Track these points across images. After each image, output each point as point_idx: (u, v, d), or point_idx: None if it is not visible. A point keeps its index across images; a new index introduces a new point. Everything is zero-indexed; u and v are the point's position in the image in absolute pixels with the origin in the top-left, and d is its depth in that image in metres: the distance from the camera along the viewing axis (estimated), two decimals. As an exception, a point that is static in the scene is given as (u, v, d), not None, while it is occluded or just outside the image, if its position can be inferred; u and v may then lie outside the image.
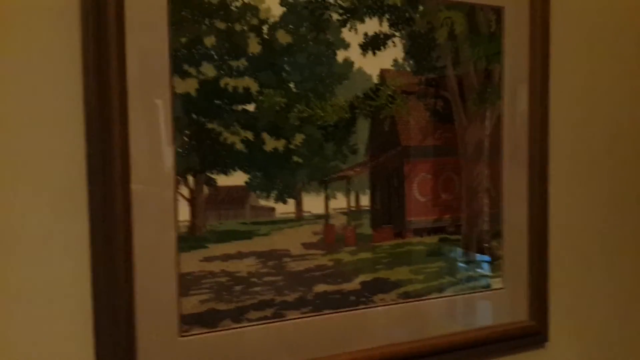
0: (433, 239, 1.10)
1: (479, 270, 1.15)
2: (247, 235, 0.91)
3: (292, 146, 0.94)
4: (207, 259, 0.88)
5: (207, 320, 0.88)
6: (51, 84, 0.78)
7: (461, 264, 1.13)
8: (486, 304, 1.16)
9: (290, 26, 0.92)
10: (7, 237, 0.77)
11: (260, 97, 0.91)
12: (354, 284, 1.01)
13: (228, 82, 0.88)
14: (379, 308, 1.03)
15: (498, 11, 1.12)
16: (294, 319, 0.95)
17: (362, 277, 1.01)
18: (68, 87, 0.79)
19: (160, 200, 0.84)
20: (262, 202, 0.93)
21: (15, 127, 0.77)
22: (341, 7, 0.96)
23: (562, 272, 1.25)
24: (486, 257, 1.16)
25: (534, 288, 1.19)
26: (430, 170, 1.09)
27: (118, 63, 0.79)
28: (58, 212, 0.79)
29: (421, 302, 1.07)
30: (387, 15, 1.00)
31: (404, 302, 1.05)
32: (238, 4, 0.88)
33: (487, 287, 1.16)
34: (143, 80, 0.82)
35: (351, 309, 1.00)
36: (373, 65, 1.00)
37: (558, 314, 1.24)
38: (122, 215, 0.80)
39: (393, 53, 1.02)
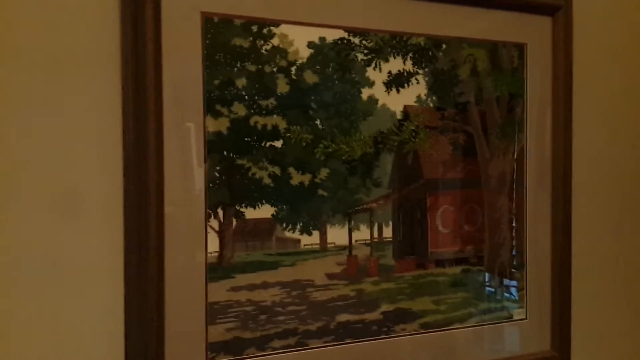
0: (455, 270, 1.12)
1: (501, 300, 1.16)
2: (272, 266, 0.95)
3: (317, 180, 0.98)
4: (234, 289, 0.92)
5: (232, 348, 0.91)
6: (93, 119, 0.84)
7: (483, 295, 1.14)
8: (509, 334, 1.17)
9: (317, 67, 0.97)
10: (48, 263, 0.82)
11: (288, 134, 0.95)
12: (376, 314, 1.03)
13: (257, 120, 0.93)
14: (401, 338, 1.05)
15: (520, 47, 1.15)
16: (317, 347, 0.98)
17: (384, 307, 1.04)
18: (108, 124, 0.84)
19: (192, 232, 0.89)
20: (288, 234, 0.96)
21: (57, 156, 0.82)
22: (366, 47, 1.00)
23: (585, 302, 1.25)
24: (509, 288, 1.17)
25: (556, 318, 1.20)
26: (453, 202, 1.11)
27: (155, 103, 0.85)
28: (95, 237, 0.84)
29: (443, 332, 1.09)
30: (410, 54, 1.04)
31: (425, 333, 1.07)
32: (268, 47, 0.93)
33: (510, 317, 1.17)
34: (178, 119, 0.87)
35: (373, 338, 1.03)
36: (397, 101, 1.04)
37: (580, 345, 1.24)
38: (155, 246, 0.85)
39: (416, 90, 1.05)
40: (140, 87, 0.84)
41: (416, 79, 1.05)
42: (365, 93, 1.01)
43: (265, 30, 0.93)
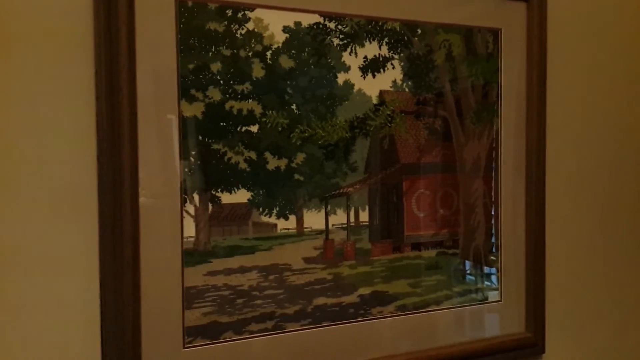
0: (431, 253, 1.13)
1: (476, 283, 1.18)
2: (249, 251, 0.95)
3: (293, 165, 0.98)
4: (211, 273, 0.92)
5: (210, 332, 0.92)
6: (65, 105, 0.83)
7: (459, 277, 1.16)
8: (483, 316, 1.19)
9: (293, 51, 0.97)
10: (20, 251, 0.81)
11: (264, 119, 0.95)
12: (353, 297, 1.04)
13: (233, 105, 0.93)
14: (377, 320, 1.07)
15: (495, 32, 1.16)
16: (294, 331, 0.99)
17: (361, 291, 1.05)
18: (81, 110, 0.84)
19: (167, 217, 0.89)
20: (264, 219, 0.97)
21: (28, 145, 0.82)
22: (342, 32, 1.00)
23: (559, 284, 1.28)
24: (484, 270, 1.19)
25: (530, 300, 1.22)
26: (429, 186, 1.13)
27: (128, 88, 0.84)
28: (69, 225, 0.84)
29: (419, 314, 1.11)
30: (386, 39, 1.04)
31: (402, 315, 1.09)
32: (243, 31, 0.93)
33: (485, 299, 1.19)
34: (152, 105, 0.87)
35: (350, 321, 1.04)
36: (373, 86, 1.04)
37: (555, 326, 1.27)
38: (130, 231, 0.85)
39: (392, 75, 1.06)
40: (113, 72, 0.83)
41: (392, 64, 1.05)
42: (341, 78, 1.01)
43: (240, 15, 0.92)
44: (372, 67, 1.04)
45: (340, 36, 1.00)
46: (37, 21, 0.81)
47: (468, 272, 1.18)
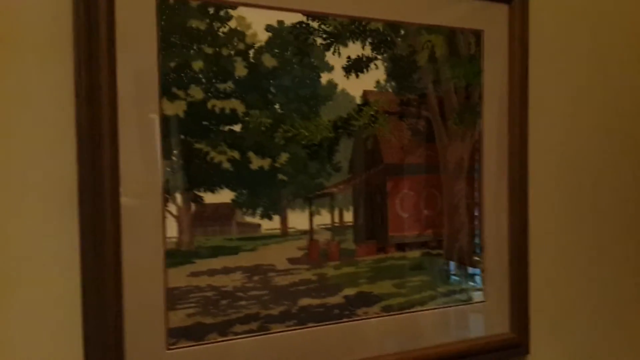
0: (415, 254, 1.13)
1: (460, 283, 1.19)
2: (233, 251, 0.94)
3: (277, 165, 0.98)
4: (194, 274, 0.91)
5: (193, 333, 0.90)
6: (44, 104, 0.82)
7: (443, 278, 1.16)
8: (468, 316, 1.19)
9: (276, 50, 0.96)
10: None
11: (247, 118, 0.94)
12: (338, 298, 1.04)
13: (215, 104, 0.92)
14: (363, 321, 1.06)
15: (477, 34, 1.17)
16: (279, 332, 0.98)
17: (346, 291, 1.05)
18: (61, 109, 0.82)
19: (149, 217, 0.87)
20: (248, 219, 0.96)
21: (7, 145, 0.80)
22: (325, 32, 1.00)
23: (543, 284, 1.28)
24: (468, 271, 1.19)
25: (515, 300, 1.23)
26: (413, 187, 1.13)
27: (109, 86, 0.83)
28: (49, 226, 0.82)
29: (404, 315, 1.11)
30: (369, 39, 1.05)
31: (387, 315, 1.09)
32: (225, 29, 0.92)
33: (469, 300, 1.19)
34: (133, 103, 0.85)
35: (335, 322, 1.03)
36: (356, 86, 1.04)
37: (539, 326, 1.27)
38: (111, 231, 0.84)
39: (375, 75, 1.06)
40: (93, 70, 0.82)
41: (375, 64, 1.06)
42: (325, 77, 1.01)
43: (222, 13, 0.92)
44: (356, 67, 1.04)
45: (324, 36, 1.00)
46: (15, 18, 0.80)
47: (452, 272, 1.18)
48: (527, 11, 1.21)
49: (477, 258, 1.20)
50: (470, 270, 1.20)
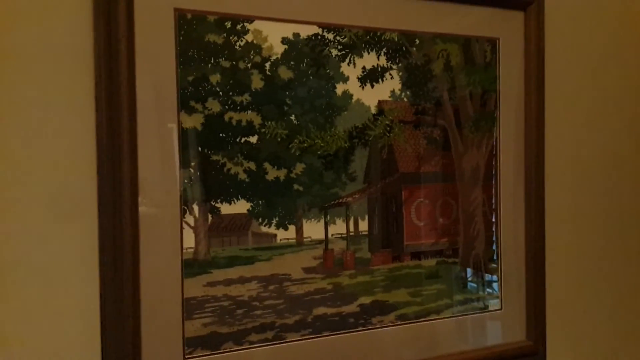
0: (431, 262, 1.13)
1: (477, 291, 1.18)
2: (249, 261, 0.95)
3: (293, 175, 0.99)
4: (211, 284, 0.92)
5: (210, 343, 0.92)
6: (66, 118, 0.84)
7: (459, 286, 1.16)
8: (484, 324, 1.19)
9: (292, 62, 0.97)
10: (21, 263, 0.82)
11: (263, 130, 0.96)
12: (353, 307, 1.04)
13: (232, 116, 0.93)
14: (378, 330, 1.07)
15: (493, 42, 1.16)
16: (294, 341, 0.99)
17: (361, 300, 1.05)
18: (81, 122, 0.84)
19: (167, 228, 0.89)
20: (264, 229, 0.97)
21: (29, 156, 0.82)
22: (340, 43, 1.01)
23: (559, 292, 1.28)
24: (484, 278, 1.19)
25: (531, 308, 1.22)
26: (428, 195, 1.13)
27: (128, 100, 0.85)
28: (69, 236, 0.84)
29: (419, 323, 1.11)
30: (384, 50, 1.05)
31: (402, 324, 1.09)
32: (242, 43, 0.93)
33: (485, 308, 1.19)
34: (152, 116, 0.87)
35: (350, 330, 1.04)
36: (371, 96, 1.05)
37: (555, 334, 1.27)
38: (130, 242, 0.85)
39: (390, 85, 1.06)
40: (113, 85, 0.84)
41: (390, 74, 1.06)
42: (340, 88, 1.02)
43: (239, 27, 0.93)
44: (371, 77, 1.04)
45: (339, 47, 1.01)
46: (38, 34, 0.82)
47: (468, 280, 1.18)
48: (543, 18, 1.20)
49: (493, 265, 1.20)
50: (487, 277, 1.19)
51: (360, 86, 1.03)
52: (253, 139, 0.95)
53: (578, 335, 1.32)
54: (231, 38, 0.93)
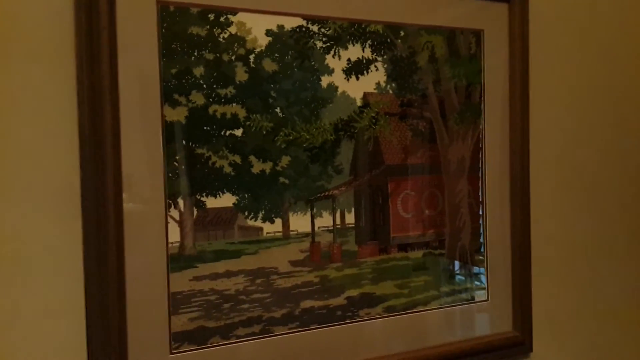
0: (417, 254, 1.13)
1: (463, 283, 1.19)
2: (235, 255, 0.95)
3: (278, 168, 0.98)
4: (197, 278, 0.92)
5: (196, 337, 0.91)
6: (47, 112, 0.83)
7: (446, 278, 1.17)
8: (471, 315, 1.19)
9: (276, 55, 0.97)
10: (3, 259, 0.81)
11: (248, 122, 0.95)
12: (340, 299, 1.04)
13: (216, 109, 0.93)
14: (366, 322, 1.07)
15: (478, 34, 1.17)
16: (282, 334, 0.98)
17: (348, 293, 1.05)
18: (63, 116, 0.83)
19: (152, 222, 0.88)
20: (250, 222, 0.97)
21: (10, 150, 0.81)
22: (325, 35, 1.01)
23: (545, 283, 1.29)
24: (471, 270, 1.20)
25: (517, 299, 1.23)
26: (414, 187, 1.13)
27: (111, 93, 0.84)
28: (52, 232, 0.83)
29: (407, 315, 1.11)
30: (369, 42, 1.05)
31: (389, 316, 1.09)
32: (225, 35, 0.93)
33: (472, 299, 1.20)
34: (135, 110, 0.86)
35: (338, 323, 1.04)
36: (356, 89, 1.04)
37: (542, 325, 1.28)
38: (114, 237, 0.84)
39: (376, 77, 1.06)
40: (95, 78, 0.83)
41: (375, 66, 1.06)
42: (325, 80, 1.02)
43: (222, 18, 0.92)
44: (356, 69, 1.04)
45: (324, 39, 1.01)
46: (18, 25, 0.80)
47: (455, 272, 1.18)
48: (527, 10, 1.21)
49: (480, 257, 1.20)
50: (473, 269, 1.20)
51: (345, 78, 1.03)
52: (238, 132, 0.94)
53: (564, 326, 1.33)
54: (214, 30, 0.92)
